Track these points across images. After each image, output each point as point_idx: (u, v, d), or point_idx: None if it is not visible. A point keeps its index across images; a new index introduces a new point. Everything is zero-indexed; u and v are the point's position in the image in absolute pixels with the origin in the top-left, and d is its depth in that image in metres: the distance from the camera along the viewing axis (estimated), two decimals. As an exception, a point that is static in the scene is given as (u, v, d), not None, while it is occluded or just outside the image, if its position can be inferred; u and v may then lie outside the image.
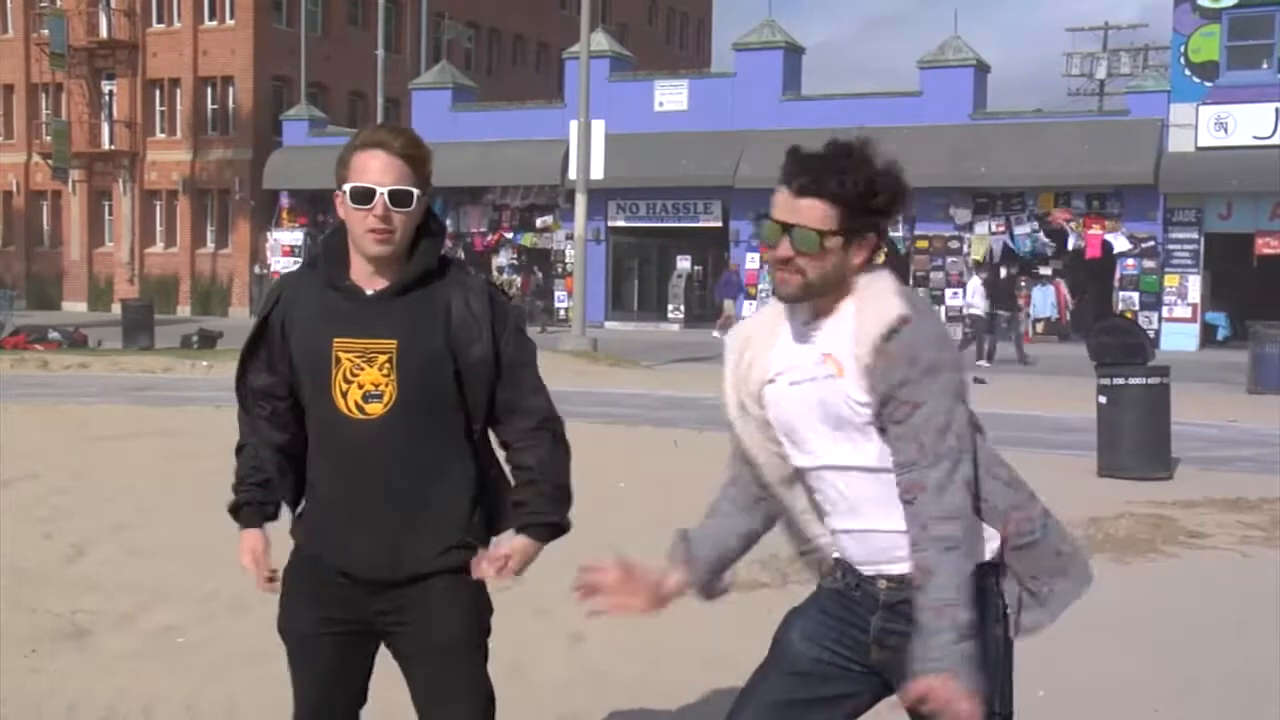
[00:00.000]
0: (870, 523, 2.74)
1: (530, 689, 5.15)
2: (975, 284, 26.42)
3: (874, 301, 2.69)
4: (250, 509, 3.16)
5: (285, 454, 3.12)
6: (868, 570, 2.78)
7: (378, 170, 2.92)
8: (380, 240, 2.93)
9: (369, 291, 3.00)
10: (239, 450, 3.22)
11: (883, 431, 2.66)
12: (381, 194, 2.90)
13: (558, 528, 3.09)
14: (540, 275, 39.18)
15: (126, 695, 5.18)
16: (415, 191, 2.95)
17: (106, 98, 47.75)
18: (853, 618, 2.80)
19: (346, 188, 2.94)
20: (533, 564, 3.09)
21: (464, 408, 3.02)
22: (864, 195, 2.66)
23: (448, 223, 38.85)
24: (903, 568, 2.70)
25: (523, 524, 3.06)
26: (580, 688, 5.36)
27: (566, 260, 36.80)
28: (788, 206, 2.68)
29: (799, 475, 2.84)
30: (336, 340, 2.97)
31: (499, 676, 3.21)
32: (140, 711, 5.03)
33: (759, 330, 2.90)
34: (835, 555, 2.87)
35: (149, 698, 5.16)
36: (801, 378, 2.77)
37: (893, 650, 2.73)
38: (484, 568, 3.00)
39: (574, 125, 27.17)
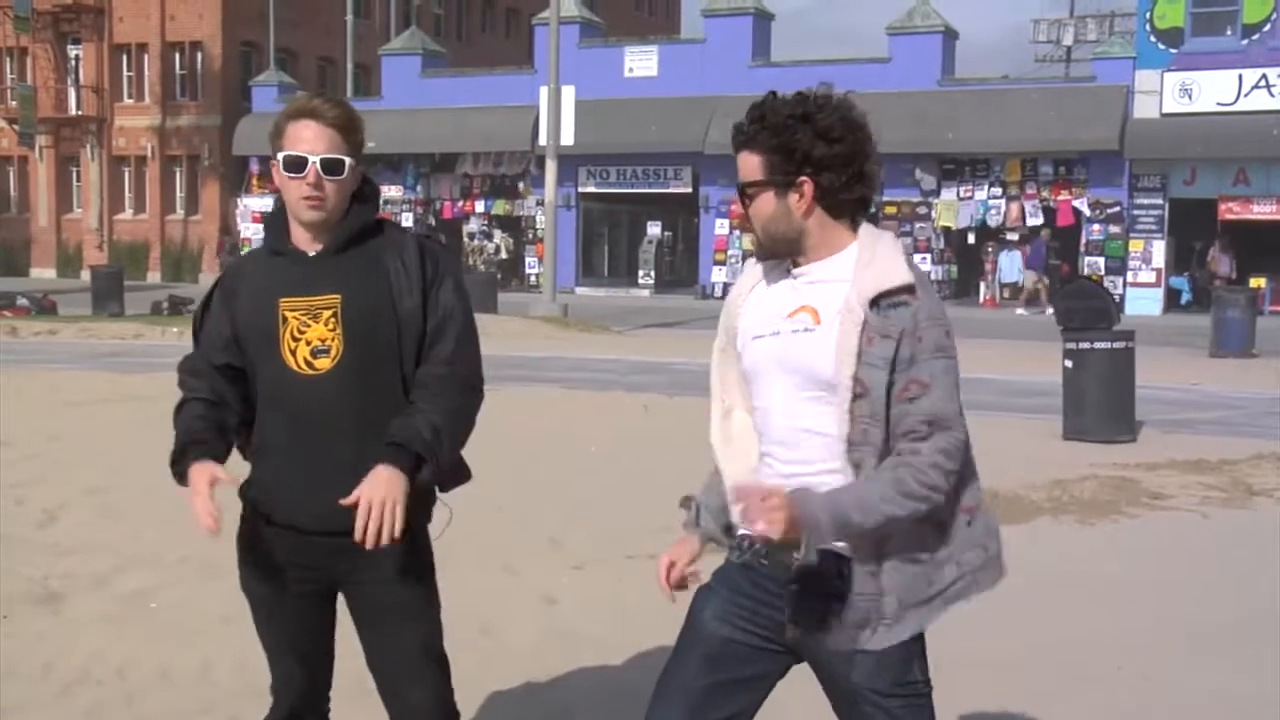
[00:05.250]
0: (812, 484, 2.67)
1: (500, 650, 5.18)
2: None
3: (880, 261, 2.66)
4: (200, 446, 3.02)
5: (227, 407, 3.10)
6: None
7: (310, 140, 2.98)
8: (313, 206, 2.99)
9: (310, 253, 3.06)
10: (179, 408, 3.14)
11: (857, 398, 2.60)
12: (313, 162, 2.97)
13: (410, 455, 2.92)
14: (511, 241, 39.09)
15: (101, 658, 5.19)
16: (347, 160, 3.01)
17: (73, 62, 47.12)
18: (763, 595, 2.76)
19: (280, 156, 2.99)
20: (500, 526, 3.08)
21: (402, 360, 3.05)
22: (778, 141, 2.65)
23: (417, 190, 38.74)
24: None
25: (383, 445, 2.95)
26: (551, 649, 5.38)
27: (537, 226, 36.69)
28: (739, 165, 2.73)
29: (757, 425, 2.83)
30: (283, 300, 3.03)
31: (468, 637, 3.24)
32: (115, 673, 5.04)
33: (748, 277, 2.91)
34: (742, 530, 2.81)
35: (123, 660, 5.17)
36: (765, 331, 2.77)
37: (808, 629, 2.71)
38: (361, 531, 2.87)
39: (544, 91, 27.05)
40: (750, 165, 2.69)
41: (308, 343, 3.01)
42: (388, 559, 3.03)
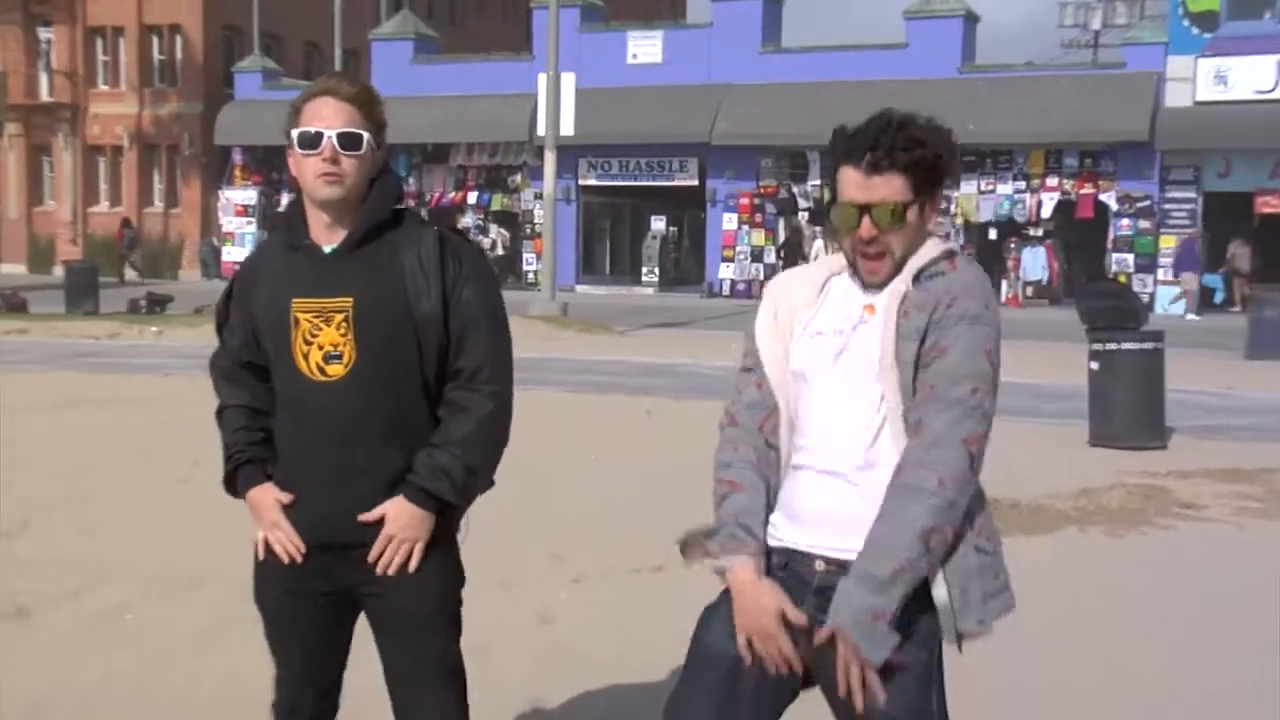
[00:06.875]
0: (848, 483, 2.74)
1: (497, 670, 5.17)
2: None
3: (923, 248, 2.82)
4: (254, 466, 3.14)
5: (268, 415, 3.16)
6: (805, 545, 2.78)
7: (327, 116, 3.01)
8: (330, 181, 2.99)
9: (326, 249, 3.06)
10: (220, 414, 3.23)
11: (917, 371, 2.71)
12: (329, 136, 2.98)
13: (436, 500, 3.04)
14: (508, 236, 39.11)
15: (74, 676, 5.18)
16: (364, 134, 3.02)
17: (44, 46, 47.10)
18: None
19: (295, 133, 3.01)
20: (495, 539, 3.09)
21: (422, 367, 3.05)
22: (933, 162, 2.78)
23: (410, 182, 38.69)
24: (852, 548, 2.70)
25: (404, 485, 3.05)
26: (550, 668, 5.39)
27: (535, 221, 36.69)
28: (861, 185, 2.76)
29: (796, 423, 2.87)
30: (295, 301, 3.03)
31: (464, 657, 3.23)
32: (89, 692, 5.03)
33: (799, 285, 2.96)
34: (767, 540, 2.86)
35: (98, 678, 5.16)
36: (828, 329, 2.84)
37: (826, 642, 2.72)
38: (379, 558, 3.05)
39: (542, 79, 27.05)
40: (892, 187, 2.75)
41: (320, 347, 3.01)
42: (408, 569, 3.08)
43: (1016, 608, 2.82)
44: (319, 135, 2.98)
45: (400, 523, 3.02)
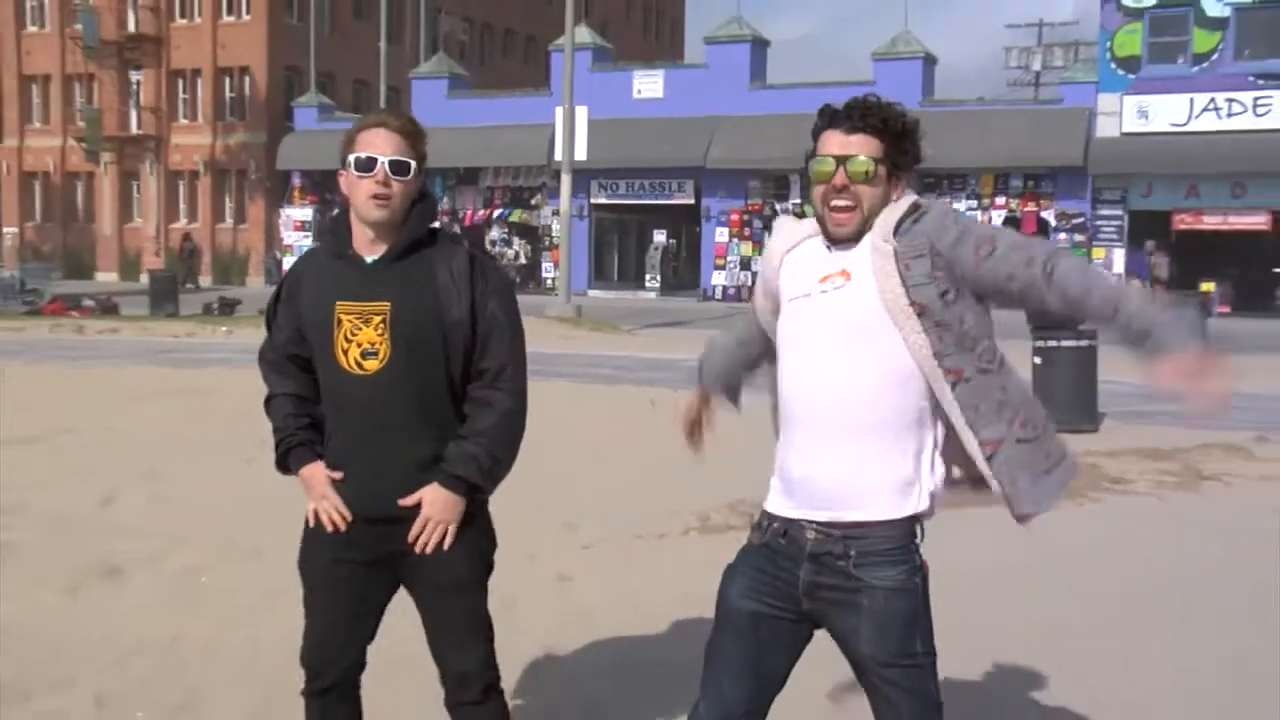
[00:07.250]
0: (831, 450, 2.68)
1: (522, 621, 5.15)
2: None
3: (891, 207, 2.74)
4: (304, 448, 3.12)
5: (313, 402, 3.14)
6: (798, 514, 2.73)
7: (379, 144, 3.00)
8: (380, 204, 2.98)
9: (369, 259, 3.05)
10: (269, 402, 3.20)
11: (920, 316, 2.61)
12: (382, 162, 2.98)
13: (466, 484, 3.02)
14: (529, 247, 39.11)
15: (155, 630, 5.16)
16: (412, 162, 3.02)
17: (134, 86, 47.21)
18: (780, 572, 2.75)
19: (351, 158, 3.00)
20: (515, 510, 3.05)
21: (449, 366, 3.04)
22: (902, 133, 2.74)
23: (444, 201, 38.70)
24: (835, 515, 2.68)
25: (438, 472, 3.03)
26: (567, 624, 5.36)
27: (553, 234, 36.71)
28: (839, 143, 2.72)
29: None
30: (339, 304, 3.02)
31: (493, 612, 3.20)
32: (168, 644, 5.02)
33: (783, 238, 2.91)
34: (765, 507, 2.84)
35: (175, 632, 5.15)
36: (798, 294, 2.77)
37: (823, 602, 2.71)
38: (417, 537, 3.03)
39: (559, 111, 27.02)
40: (867, 145, 2.71)
41: (359, 345, 3.00)
42: (443, 547, 3.06)
43: (1078, 472, 2.80)
44: (373, 160, 2.98)
45: (436, 507, 3.01)
